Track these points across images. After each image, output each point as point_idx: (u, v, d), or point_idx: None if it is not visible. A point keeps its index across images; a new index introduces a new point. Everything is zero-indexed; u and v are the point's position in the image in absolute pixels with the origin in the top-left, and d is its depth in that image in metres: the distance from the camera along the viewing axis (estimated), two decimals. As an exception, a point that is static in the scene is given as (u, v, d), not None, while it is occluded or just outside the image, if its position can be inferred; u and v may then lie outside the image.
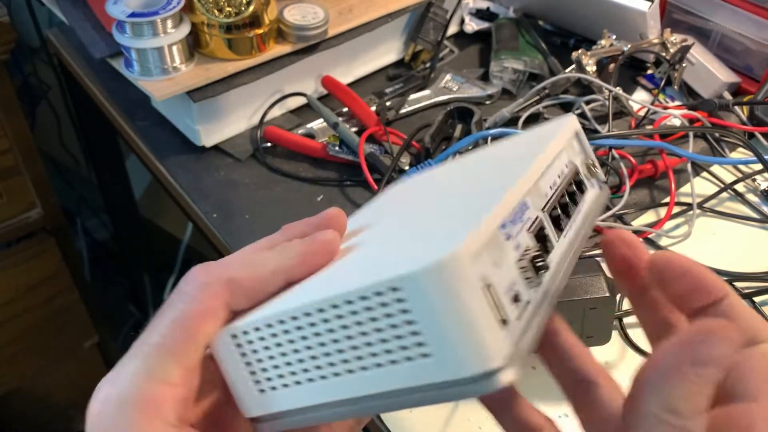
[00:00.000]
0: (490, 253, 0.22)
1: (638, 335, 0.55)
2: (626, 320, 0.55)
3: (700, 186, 0.69)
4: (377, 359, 0.23)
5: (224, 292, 0.27)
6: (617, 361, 0.54)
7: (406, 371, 0.22)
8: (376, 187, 0.65)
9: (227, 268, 0.27)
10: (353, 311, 0.23)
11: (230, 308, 0.27)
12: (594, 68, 0.75)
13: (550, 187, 0.28)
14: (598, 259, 0.52)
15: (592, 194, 0.32)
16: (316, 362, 0.25)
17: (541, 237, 0.26)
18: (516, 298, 0.23)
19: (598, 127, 0.73)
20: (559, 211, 0.28)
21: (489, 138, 0.70)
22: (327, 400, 0.25)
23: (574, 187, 0.30)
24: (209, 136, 0.71)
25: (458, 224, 0.23)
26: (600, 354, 0.54)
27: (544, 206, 0.27)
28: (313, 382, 0.25)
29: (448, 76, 0.81)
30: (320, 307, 0.24)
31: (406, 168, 0.67)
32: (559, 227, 0.28)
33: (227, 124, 0.72)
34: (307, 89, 0.76)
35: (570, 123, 0.32)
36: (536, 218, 0.26)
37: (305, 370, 0.25)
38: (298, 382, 0.26)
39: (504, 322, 0.21)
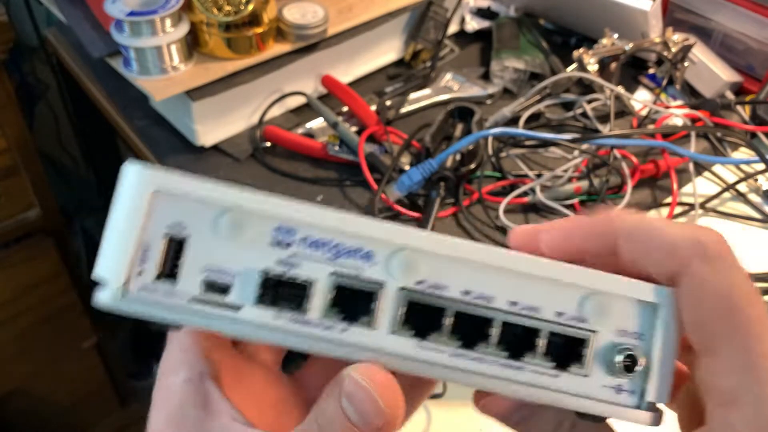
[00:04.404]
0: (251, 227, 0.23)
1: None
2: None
3: (702, 186, 0.69)
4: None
5: None
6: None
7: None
8: (376, 186, 0.65)
9: None
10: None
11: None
12: (595, 67, 0.75)
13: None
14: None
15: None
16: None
17: (295, 294, 0.24)
18: (209, 286, 0.23)
19: (600, 127, 0.73)
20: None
21: (489, 137, 0.70)
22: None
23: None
24: (208, 135, 0.71)
25: None
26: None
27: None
28: None
29: (448, 76, 0.80)
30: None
31: (407, 168, 0.66)
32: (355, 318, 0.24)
33: (226, 123, 0.72)
34: (307, 88, 0.76)
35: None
36: (343, 274, 0.24)
37: None
38: None
39: (141, 274, 0.23)
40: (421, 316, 0.24)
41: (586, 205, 0.67)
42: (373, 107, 0.73)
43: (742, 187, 0.69)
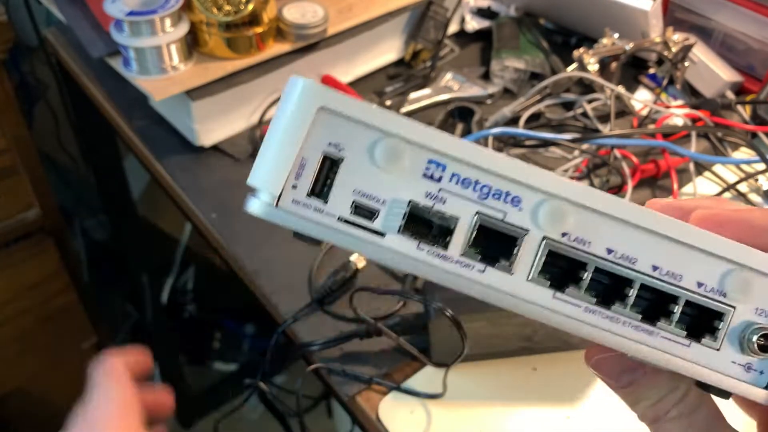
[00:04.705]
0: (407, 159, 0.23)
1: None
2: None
3: (703, 186, 0.69)
4: None
5: None
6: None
7: None
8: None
9: None
10: None
11: None
12: (596, 67, 0.75)
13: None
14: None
15: None
16: None
17: (438, 228, 0.24)
18: (358, 209, 0.23)
19: (600, 127, 0.73)
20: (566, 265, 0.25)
21: (490, 137, 0.70)
22: None
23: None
24: (208, 135, 0.71)
25: None
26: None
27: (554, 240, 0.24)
28: None
29: (448, 75, 0.80)
30: None
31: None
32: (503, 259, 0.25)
33: (226, 123, 0.72)
34: (307, 88, 0.76)
35: None
36: (488, 215, 0.24)
37: None
38: None
39: (295, 188, 0.23)
40: (561, 268, 0.24)
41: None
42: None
43: (743, 187, 0.69)
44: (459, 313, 0.49)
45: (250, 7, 0.65)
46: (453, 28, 0.86)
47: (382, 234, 0.24)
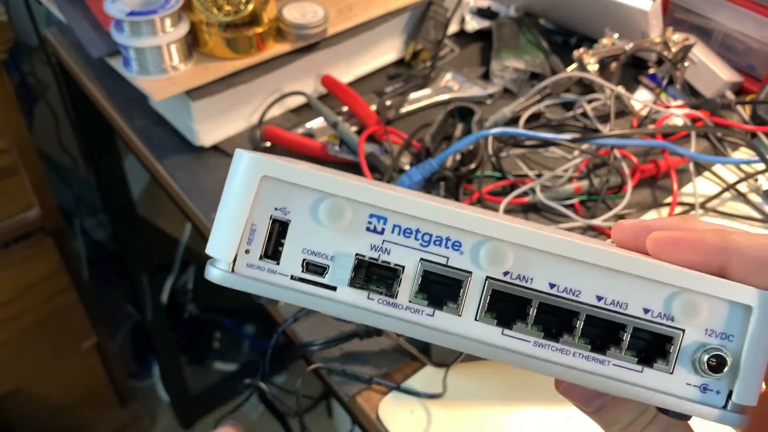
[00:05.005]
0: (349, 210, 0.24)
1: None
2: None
3: (703, 186, 0.69)
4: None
5: None
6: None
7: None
8: (376, 186, 0.65)
9: None
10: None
11: None
12: (596, 67, 0.75)
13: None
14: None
15: None
16: None
17: (385, 278, 0.25)
18: (309, 266, 0.25)
19: (600, 127, 0.73)
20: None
21: (489, 137, 0.70)
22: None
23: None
24: (208, 135, 0.71)
25: None
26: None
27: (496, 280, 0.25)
28: None
29: (448, 75, 0.80)
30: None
31: (407, 168, 0.66)
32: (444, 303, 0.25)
33: (226, 123, 0.72)
34: (307, 88, 0.76)
35: None
36: (431, 260, 0.25)
37: None
38: None
39: (248, 252, 0.25)
40: (507, 305, 0.25)
41: (586, 205, 0.67)
42: (373, 107, 0.73)
43: (743, 187, 0.69)
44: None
45: (250, 7, 0.65)
46: (453, 28, 0.86)
47: (333, 288, 0.25)
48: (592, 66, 0.75)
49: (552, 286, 0.25)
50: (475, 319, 0.25)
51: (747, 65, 0.79)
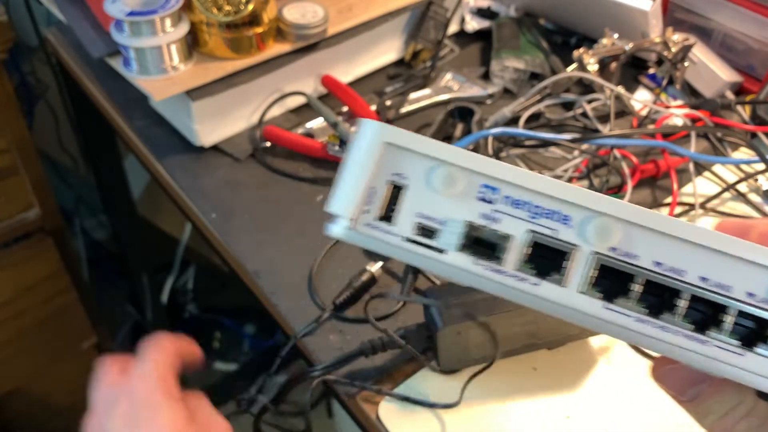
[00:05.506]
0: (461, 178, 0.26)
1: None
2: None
3: (702, 186, 0.69)
4: None
5: None
6: (619, 361, 0.53)
7: None
8: (376, 187, 0.65)
9: None
10: None
11: None
12: (595, 67, 0.75)
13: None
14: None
15: None
16: None
17: (493, 246, 0.26)
18: (420, 230, 0.26)
19: (600, 127, 0.73)
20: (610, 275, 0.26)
21: (489, 137, 0.70)
22: None
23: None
24: (208, 135, 0.71)
25: None
26: (600, 355, 0.54)
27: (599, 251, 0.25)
28: None
29: (448, 75, 0.80)
30: None
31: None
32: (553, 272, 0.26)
33: (226, 123, 0.72)
34: (307, 88, 0.76)
35: None
36: (540, 232, 0.26)
37: None
38: None
39: (367, 212, 0.26)
40: (611, 280, 0.26)
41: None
42: (373, 107, 0.73)
43: (742, 187, 0.69)
44: (468, 319, 0.49)
45: (250, 7, 0.65)
46: (453, 28, 0.86)
47: (442, 251, 0.26)
48: (592, 66, 0.75)
49: (657, 264, 0.25)
50: (579, 291, 0.26)
51: (747, 65, 0.79)
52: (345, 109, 0.74)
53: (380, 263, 0.59)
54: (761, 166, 0.68)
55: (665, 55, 0.76)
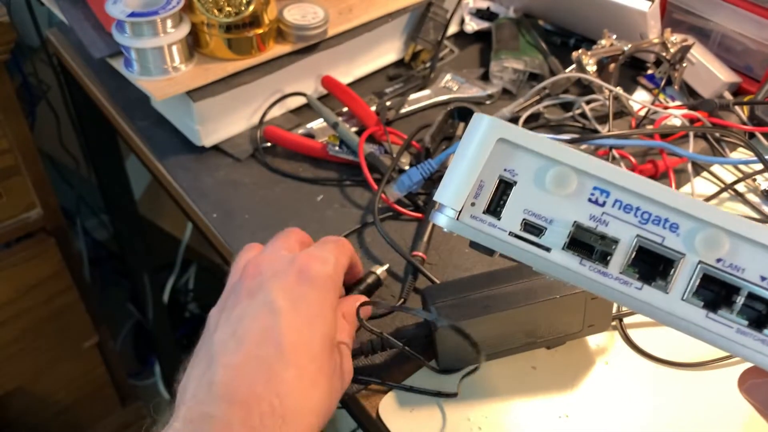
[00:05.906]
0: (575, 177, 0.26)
1: (638, 335, 0.55)
2: (626, 320, 0.55)
3: (701, 186, 0.69)
4: None
5: None
6: (618, 361, 0.54)
7: None
8: (376, 186, 0.65)
9: None
10: None
11: None
12: (594, 68, 0.75)
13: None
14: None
15: None
16: None
17: (606, 250, 0.26)
18: (527, 226, 0.26)
19: (599, 127, 0.73)
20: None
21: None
22: None
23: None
24: (209, 135, 0.71)
25: None
26: (599, 355, 0.54)
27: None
28: None
29: (448, 76, 0.81)
30: None
31: (406, 168, 0.66)
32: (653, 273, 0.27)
33: (227, 124, 0.72)
34: (307, 89, 0.76)
35: None
36: (647, 238, 0.26)
37: None
38: None
39: (473, 205, 0.27)
40: (714, 291, 0.26)
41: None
42: (373, 108, 0.74)
43: (741, 188, 0.69)
44: (464, 318, 0.49)
45: (251, 8, 0.66)
46: (452, 29, 0.87)
47: (547, 249, 0.26)
48: (591, 67, 0.75)
49: (763, 279, 0.25)
50: (682, 299, 0.26)
51: (745, 66, 0.80)
52: (345, 109, 0.74)
53: (386, 266, 0.59)
54: (759, 167, 0.68)
55: (664, 56, 0.76)
